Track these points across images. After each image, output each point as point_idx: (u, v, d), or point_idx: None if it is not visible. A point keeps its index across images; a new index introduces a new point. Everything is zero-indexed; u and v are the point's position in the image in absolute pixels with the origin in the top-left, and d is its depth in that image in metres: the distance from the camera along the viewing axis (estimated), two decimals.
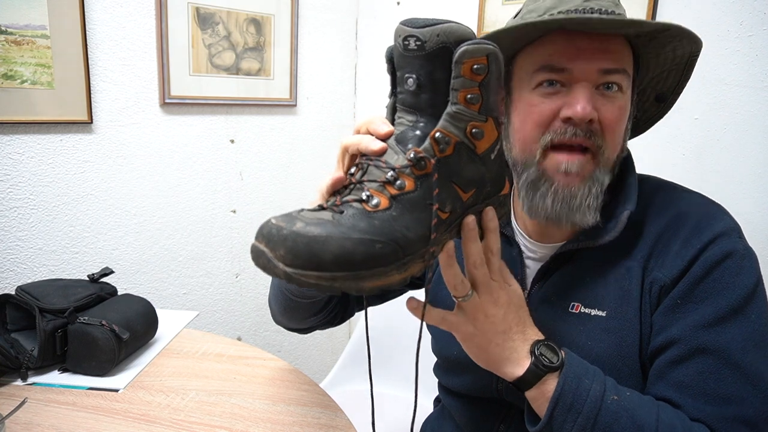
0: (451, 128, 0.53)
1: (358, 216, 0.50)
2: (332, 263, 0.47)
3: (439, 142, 0.52)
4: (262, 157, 1.77)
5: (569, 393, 0.62)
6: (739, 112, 1.22)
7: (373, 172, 0.53)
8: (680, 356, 0.65)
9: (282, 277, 0.48)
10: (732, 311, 0.64)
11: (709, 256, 0.66)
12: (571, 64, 0.67)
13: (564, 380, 0.62)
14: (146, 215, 1.54)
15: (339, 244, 0.47)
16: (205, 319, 1.73)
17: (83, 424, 0.81)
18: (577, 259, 0.73)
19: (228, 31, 1.60)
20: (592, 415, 0.61)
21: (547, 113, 0.68)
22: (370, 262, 0.48)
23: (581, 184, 0.68)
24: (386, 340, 1.52)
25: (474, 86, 0.52)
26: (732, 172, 1.24)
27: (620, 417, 0.61)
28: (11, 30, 1.23)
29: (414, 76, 0.53)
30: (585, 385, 0.62)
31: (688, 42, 0.69)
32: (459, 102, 0.52)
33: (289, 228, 0.48)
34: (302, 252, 0.47)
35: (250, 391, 0.93)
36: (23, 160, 1.32)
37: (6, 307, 1.00)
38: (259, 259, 0.49)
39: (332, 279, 0.47)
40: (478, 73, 0.52)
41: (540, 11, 0.70)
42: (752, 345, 0.63)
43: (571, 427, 0.61)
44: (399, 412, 1.41)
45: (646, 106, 0.81)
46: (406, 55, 0.53)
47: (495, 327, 0.63)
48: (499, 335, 0.63)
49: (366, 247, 0.48)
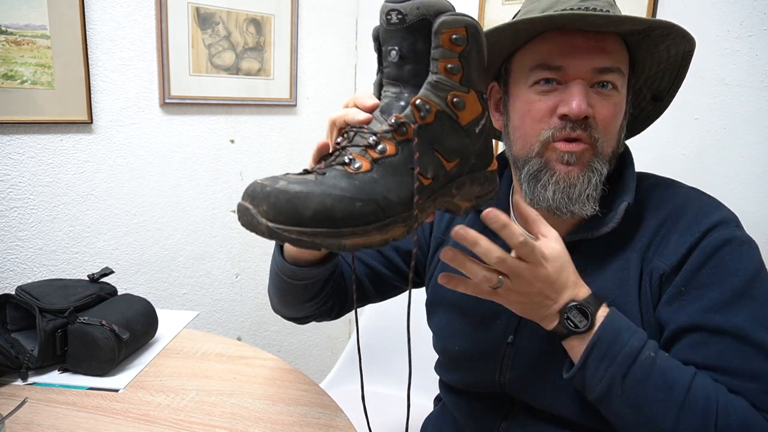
0: (432, 96, 0.54)
1: (340, 176, 0.52)
2: (313, 219, 0.48)
3: (420, 108, 0.54)
4: (262, 157, 1.77)
5: (605, 343, 0.63)
6: (739, 112, 1.22)
7: (357, 140, 0.55)
8: (697, 341, 0.65)
9: (265, 232, 0.49)
10: (738, 294, 0.65)
11: (709, 242, 0.67)
12: (567, 62, 0.68)
13: (602, 330, 0.64)
14: (146, 215, 1.54)
15: (319, 200, 0.49)
16: (205, 319, 1.73)
17: (83, 424, 0.81)
18: (577, 251, 0.74)
19: (228, 31, 1.60)
20: (624, 367, 0.62)
21: (544, 110, 0.70)
22: (350, 220, 0.50)
23: (580, 174, 0.70)
24: (386, 340, 1.52)
25: (454, 56, 0.54)
26: (732, 172, 1.24)
27: (652, 373, 0.62)
28: (11, 30, 1.23)
29: (396, 49, 0.55)
30: (623, 338, 0.64)
31: (681, 40, 0.70)
32: (439, 71, 0.54)
33: (272, 186, 0.50)
34: (284, 207, 0.48)
35: (250, 391, 0.93)
36: (23, 160, 1.32)
37: (6, 307, 1.00)
38: (243, 216, 0.51)
39: (313, 235, 0.49)
40: (457, 43, 0.54)
41: (537, 11, 0.72)
42: (765, 325, 0.64)
43: (602, 375, 0.63)
44: (400, 412, 1.41)
45: (643, 105, 0.82)
46: (388, 29, 0.55)
47: (530, 299, 0.65)
48: (535, 304, 0.66)
49: (346, 205, 0.50)
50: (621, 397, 0.63)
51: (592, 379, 0.64)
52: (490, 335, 0.79)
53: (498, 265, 0.61)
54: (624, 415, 0.63)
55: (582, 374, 0.65)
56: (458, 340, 0.84)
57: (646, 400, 0.62)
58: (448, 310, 0.86)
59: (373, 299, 0.95)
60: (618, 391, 0.63)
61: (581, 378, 0.65)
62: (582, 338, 0.65)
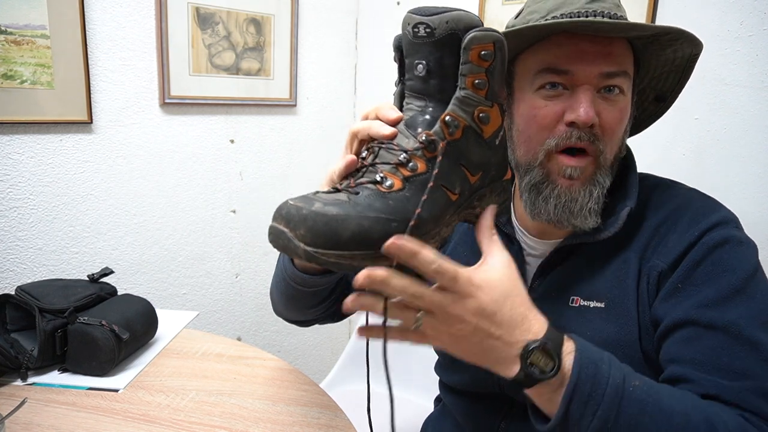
0: (460, 112, 0.54)
1: (373, 196, 0.52)
2: (351, 241, 0.48)
3: (449, 125, 0.54)
4: (262, 157, 1.77)
5: (586, 382, 0.55)
6: (739, 112, 1.22)
7: (385, 156, 0.55)
8: (690, 336, 0.64)
9: (303, 256, 0.49)
10: (734, 291, 0.64)
11: (707, 240, 0.67)
12: (574, 66, 0.67)
13: (578, 370, 0.55)
14: (146, 215, 1.54)
15: (357, 223, 0.49)
16: (205, 319, 1.73)
17: (83, 424, 0.81)
18: (576, 254, 0.74)
19: (228, 31, 1.60)
20: (614, 406, 0.54)
21: (550, 117, 0.69)
22: (387, 240, 0.50)
23: (582, 188, 0.70)
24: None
25: (481, 72, 0.54)
26: (732, 172, 1.24)
27: (646, 405, 0.55)
28: (11, 30, 1.23)
29: (424, 62, 0.55)
30: (603, 371, 0.55)
31: (688, 44, 0.70)
32: (467, 87, 0.54)
33: (308, 208, 0.49)
34: (322, 231, 0.48)
35: (250, 391, 0.93)
36: (23, 160, 1.32)
37: (6, 307, 1.00)
38: (278, 240, 0.50)
39: (351, 258, 0.49)
40: (485, 59, 0.54)
41: (542, 12, 0.70)
42: (759, 323, 0.63)
43: (590, 422, 0.54)
44: (400, 411, 1.41)
45: (645, 105, 0.82)
46: (415, 42, 0.55)
47: (468, 339, 0.55)
48: (475, 345, 0.55)
49: (383, 226, 0.50)
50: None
51: (578, 428, 0.55)
52: None
53: (415, 300, 0.52)
54: None
55: (564, 425, 0.55)
56: None
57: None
58: None
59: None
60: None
61: (564, 429, 0.56)
62: (551, 384, 0.55)
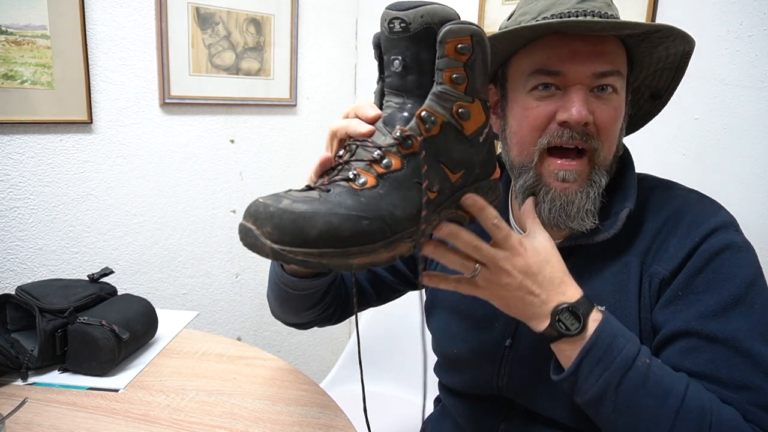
0: (437, 107, 0.53)
1: (345, 194, 0.50)
2: (319, 239, 0.47)
3: (425, 121, 0.53)
4: (262, 157, 1.77)
5: (601, 347, 0.61)
6: (739, 112, 1.22)
7: (361, 153, 0.54)
8: (689, 347, 0.65)
9: (269, 254, 0.48)
10: (735, 301, 0.64)
11: (707, 247, 0.66)
12: (566, 67, 0.67)
13: (598, 335, 0.62)
14: (146, 215, 1.54)
15: (325, 220, 0.47)
16: (205, 319, 1.73)
17: (83, 424, 0.81)
18: (575, 255, 0.74)
19: (228, 31, 1.60)
20: (619, 373, 0.60)
21: (543, 117, 0.69)
22: (357, 238, 0.48)
23: (578, 190, 0.69)
24: (386, 340, 1.52)
25: (459, 66, 0.53)
26: (732, 172, 1.24)
27: (648, 381, 0.60)
28: (11, 30, 1.23)
29: (400, 58, 0.53)
30: (619, 343, 0.62)
31: (680, 41, 0.70)
32: (444, 82, 0.53)
33: (275, 205, 0.48)
34: (288, 228, 0.47)
35: (250, 391, 0.93)
36: (23, 160, 1.32)
37: (6, 307, 1.00)
38: (246, 238, 0.50)
39: (320, 255, 0.48)
40: (462, 52, 0.52)
41: (533, 13, 0.70)
42: (758, 334, 0.63)
43: (596, 381, 0.61)
44: (400, 412, 1.41)
45: (641, 103, 0.82)
46: (391, 37, 0.54)
47: (512, 293, 0.63)
48: (518, 299, 0.64)
49: (353, 223, 0.48)
50: (613, 404, 0.61)
51: (584, 383, 0.62)
52: (488, 338, 0.79)
53: (474, 252, 0.61)
54: (614, 421, 0.62)
55: (574, 378, 0.63)
56: (456, 343, 0.83)
57: (639, 407, 0.60)
58: (447, 313, 0.85)
59: (373, 303, 0.95)
60: (611, 398, 0.61)
61: (572, 381, 0.63)
62: (573, 341, 0.63)
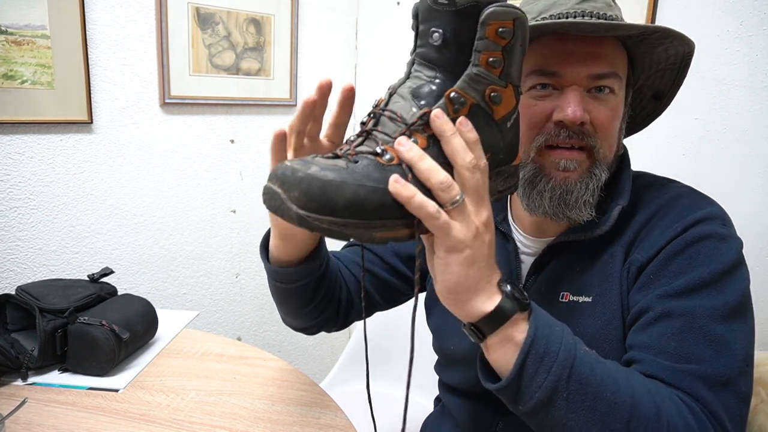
0: (469, 90, 0.52)
1: (372, 167, 0.50)
2: (345, 208, 0.47)
3: (454, 102, 0.52)
4: (262, 157, 1.77)
5: (542, 339, 0.55)
6: (739, 112, 1.22)
7: (387, 124, 0.53)
8: (646, 322, 0.64)
9: (294, 219, 0.48)
10: (703, 284, 0.63)
11: (687, 235, 0.66)
12: (562, 68, 0.68)
13: (536, 325, 0.55)
14: (146, 215, 1.54)
15: (353, 191, 0.48)
16: (205, 319, 1.73)
17: (83, 424, 0.81)
18: (568, 251, 0.75)
19: (228, 31, 1.60)
20: (567, 365, 0.54)
21: (539, 115, 0.70)
22: (382, 212, 0.49)
23: (578, 180, 0.70)
24: (386, 340, 1.51)
25: (497, 50, 0.52)
26: (732, 172, 1.24)
27: (595, 368, 0.56)
28: (11, 30, 1.23)
29: (440, 31, 0.52)
30: (556, 332, 0.56)
31: (679, 43, 0.70)
32: (480, 64, 0.52)
33: (304, 171, 0.48)
34: (316, 195, 0.47)
35: (250, 391, 0.93)
36: (23, 160, 1.32)
37: (6, 307, 1.00)
38: (271, 201, 0.49)
39: (344, 225, 0.48)
40: (503, 36, 0.51)
41: (533, 13, 0.71)
42: (719, 315, 0.61)
43: (543, 379, 0.54)
44: (400, 411, 1.41)
45: (643, 103, 0.82)
46: (435, 8, 0.52)
47: (482, 249, 0.53)
48: (484, 258, 0.54)
49: (379, 197, 0.49)
50: (566, 401, 0.54)
51: (530, 385, 0.55)
52: None
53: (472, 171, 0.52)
54: (566, 423, 0.55)
55: (518, 382, 0.55)
56: (454, 339, 0.84)
57: (595, 399, 0.54)
58: (445, 310, 0.85)
59: (381, 308, 0.94)
60: (563, 394, 0.54)
61: (515, 386, 0.55)
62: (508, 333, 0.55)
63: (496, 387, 0.57)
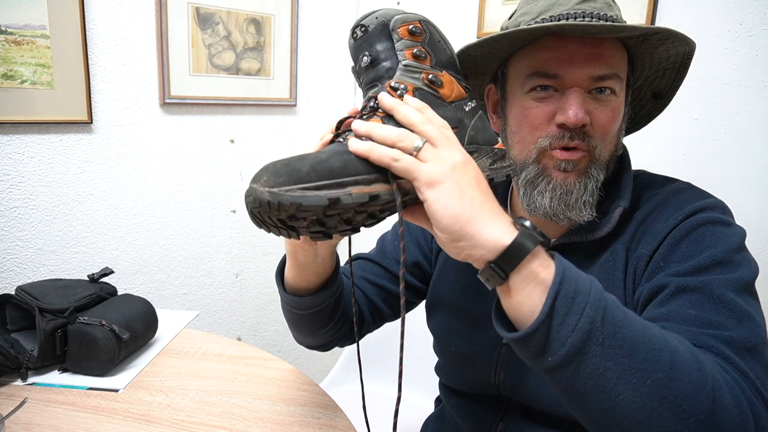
0: (405, 77, 0.59)
1: (337, 145, 0.57)
2: (311, 172, 0.51)
3: (396, 88, 0.58)
4: (262, 157, 1.77)
5: (571, 278, 0.49)
6: (739, 112, 1.22)
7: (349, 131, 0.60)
8: (663, 298, 0.63)
9: (268, 200, 0.50)
10: (715, 262, 0.62)
11: (689, 222, 0.66)
12: (563, 70, 0.68)
13: (563, 265, 0.50)
14: (146, 215, 1.54)
15: (314, 156, 0.53)
16: (205, 319, 1.73)
17: (83, 424, 0.81)
18: (570, 252, 0.74)
19: (228, 31, 1.60)
20: (600, 305, 0.49)
21: (541, 117, 0.70)
22: (350, 169, 0.52)
23: (577, 180, 0.70)
24: (386, 341, 1.51)
25: (417, 44, 0.59)
26: (732, 172, 1.24)
27: (627, 312, 0.51)
28: (11, 30, 1.23)
29: (366, 53, 0.61)
30: (585, 277, 0.51)
31: (680, 43, 0.70)
32: (407, 57, 0.59)
33: (272, 162, 0.53)
34: (282, 170, 0.51)
35: (250, 391, 0.93)
36: (23, 160, 1.32)
37: (6, 307, 1.00)
38: (249, 196, 0.53)
39: (317, 188, 0.50)
40: (415, 33, 0.59)
41: (533, 14, 0.71)
42: (735, 288, 0.60)
43: (576, 321, 0.48)
44: (400, 411, 1.41)
45: (643, 102, 0.82)
46: (356, 44, 0.62)
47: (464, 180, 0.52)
48: (473, 188, 0.52)
49: (341, 156, 0.53)
50: (601, 347, 0.48)
51: (561, 328, 0.48)
52: (486, 336, 0.79)
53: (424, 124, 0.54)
54: (604, 371, 0.48)
55: (547, 324, 0.48)
56: (455, 341, 0.84)
57: (634, 343, 0.49)
58: (446, 311, 0.86)
59: (390, 318, 0.93)
60: (598, 338, 0.48)
61: (544, 331, 0.49)
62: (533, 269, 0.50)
63: (521, 335, 0.50)
